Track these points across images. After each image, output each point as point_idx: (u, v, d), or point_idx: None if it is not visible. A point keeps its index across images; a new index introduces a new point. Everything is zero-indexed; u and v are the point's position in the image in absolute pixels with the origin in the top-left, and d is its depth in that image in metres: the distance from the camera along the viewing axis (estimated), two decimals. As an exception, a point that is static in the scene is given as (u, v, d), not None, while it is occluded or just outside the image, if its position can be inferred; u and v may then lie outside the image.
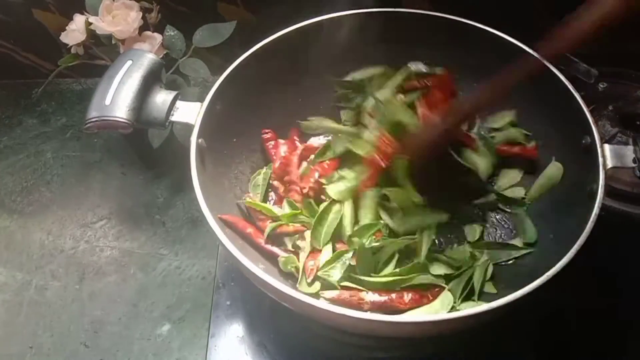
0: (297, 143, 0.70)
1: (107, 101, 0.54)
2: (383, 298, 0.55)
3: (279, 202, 0.65)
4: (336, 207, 0.61)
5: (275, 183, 0.66)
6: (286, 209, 0.62)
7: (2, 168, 0.82)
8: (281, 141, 0.69)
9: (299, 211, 0.61)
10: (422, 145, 0.60)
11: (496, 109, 0.71)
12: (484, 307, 0.44)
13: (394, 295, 0.55)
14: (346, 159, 0.66)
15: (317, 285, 0.57)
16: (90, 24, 0.69)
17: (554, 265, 0.47)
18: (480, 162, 0.66)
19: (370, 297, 0.55)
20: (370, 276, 0.56)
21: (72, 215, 0.76)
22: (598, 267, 0.63)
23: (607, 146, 0.55)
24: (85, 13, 0.70)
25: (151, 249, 0.72)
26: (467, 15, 0.66)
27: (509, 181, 0.68)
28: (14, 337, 0.65)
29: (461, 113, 0.60)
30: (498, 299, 0.45)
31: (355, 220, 0.62)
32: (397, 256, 0.58)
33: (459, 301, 0.56)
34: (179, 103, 0.58)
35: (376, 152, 0.61)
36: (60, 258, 0.72)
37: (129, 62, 0.57)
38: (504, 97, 0.60)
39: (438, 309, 0.55)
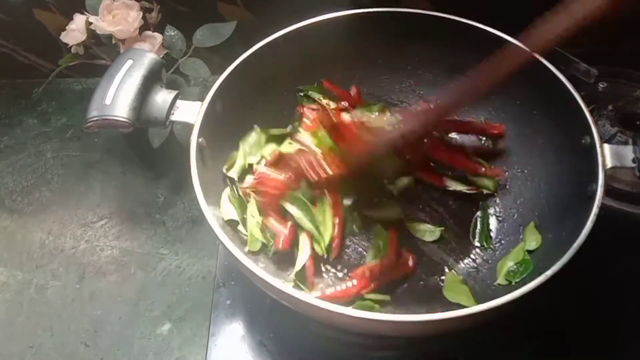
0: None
1: (108, 100, 0.54)
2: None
3: None
4: None
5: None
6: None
7: (2, 167, 0.82)
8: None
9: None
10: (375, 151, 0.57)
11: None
12: (483, 306, 0.44)
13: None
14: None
15: None
16: (91, 23, 0.69)
17: (553, 264, 0.47)
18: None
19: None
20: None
21: (73, 214, 0.76)
22: (598, 266, 0.63)
23: (607, 146, 0.55)
24: (86, 13, 0.70)
25: (151, 249, 0.72)
26: (467, 15, 0.66)
27: None
28: (14, 337, 0.65)
29: (425, 119, 0.55)
30: (497, 298, 0.45)
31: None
32: None
33: None
34: (179, 102, 0.58)
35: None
36: (60, 257, 0.72)
37: (130, 62, 0.57)
38: (483, 96, 0.51)
39: None
